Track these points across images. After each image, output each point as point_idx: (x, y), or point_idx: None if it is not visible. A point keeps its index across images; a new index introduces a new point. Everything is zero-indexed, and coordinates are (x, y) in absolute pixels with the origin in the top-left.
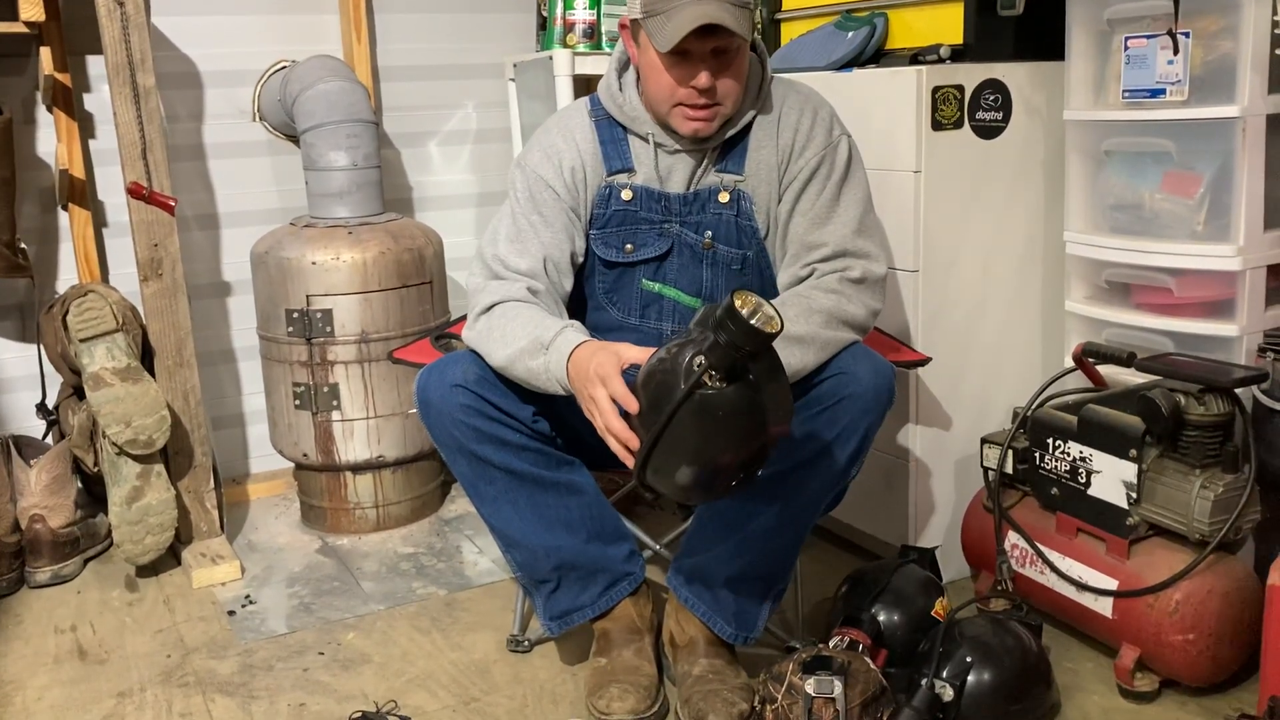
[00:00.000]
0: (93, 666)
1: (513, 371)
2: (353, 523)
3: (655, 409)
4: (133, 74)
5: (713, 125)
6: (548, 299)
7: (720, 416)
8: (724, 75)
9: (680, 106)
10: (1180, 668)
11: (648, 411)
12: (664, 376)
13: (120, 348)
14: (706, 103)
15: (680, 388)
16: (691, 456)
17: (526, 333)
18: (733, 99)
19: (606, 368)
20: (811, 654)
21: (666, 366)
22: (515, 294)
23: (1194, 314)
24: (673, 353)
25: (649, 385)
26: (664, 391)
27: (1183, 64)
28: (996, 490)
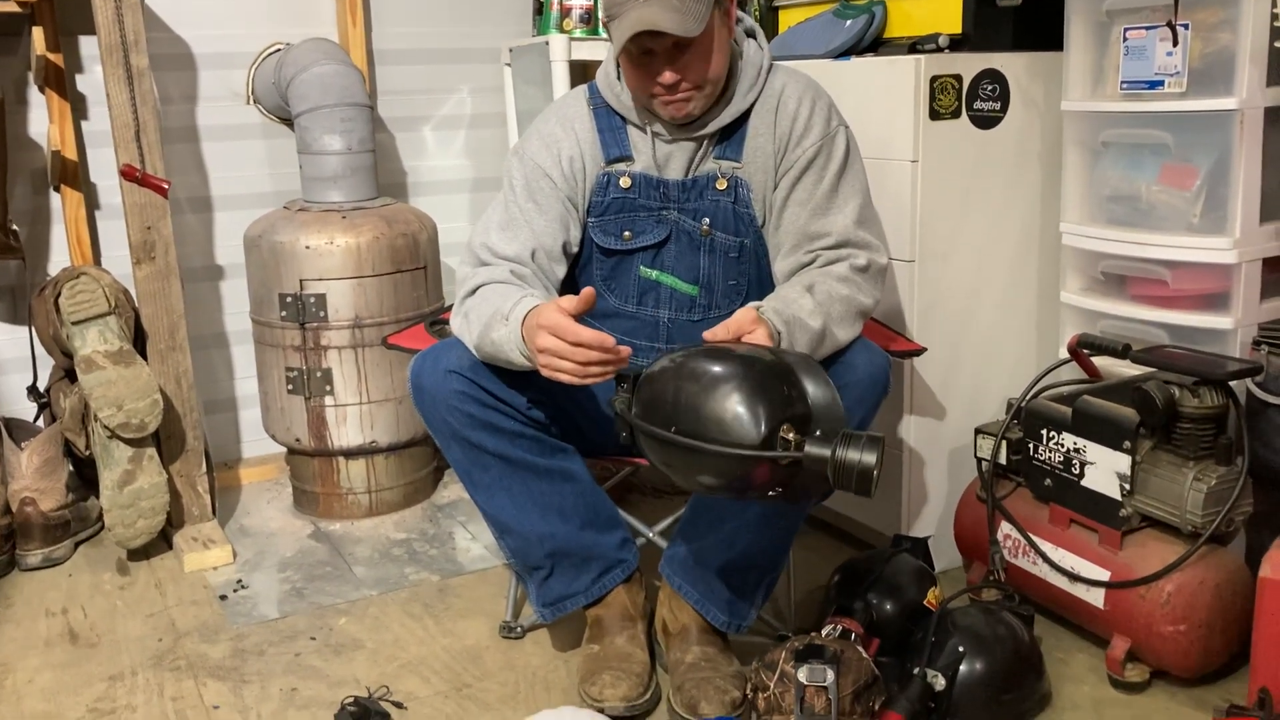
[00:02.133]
0: (84, 650)
1: (485, 352)
2: (345, 508)
3: (702, 425)
4: (126, 55)
5: (691, 107)
6: (534, 282)
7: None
8: (690, 66)
9: (657, 98)
10: (1171, 658)
11: (691, 419)
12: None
13: (112, 330)
14: (679, 95)
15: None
16: (724, 482)
17: (491, 306)
18: (711, 79)
19: (547, 316)
20: (804, 642)
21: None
22: (497, 276)
23: (1189, 306)
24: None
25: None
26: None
27: (1181, 56)
28: (990, 481)
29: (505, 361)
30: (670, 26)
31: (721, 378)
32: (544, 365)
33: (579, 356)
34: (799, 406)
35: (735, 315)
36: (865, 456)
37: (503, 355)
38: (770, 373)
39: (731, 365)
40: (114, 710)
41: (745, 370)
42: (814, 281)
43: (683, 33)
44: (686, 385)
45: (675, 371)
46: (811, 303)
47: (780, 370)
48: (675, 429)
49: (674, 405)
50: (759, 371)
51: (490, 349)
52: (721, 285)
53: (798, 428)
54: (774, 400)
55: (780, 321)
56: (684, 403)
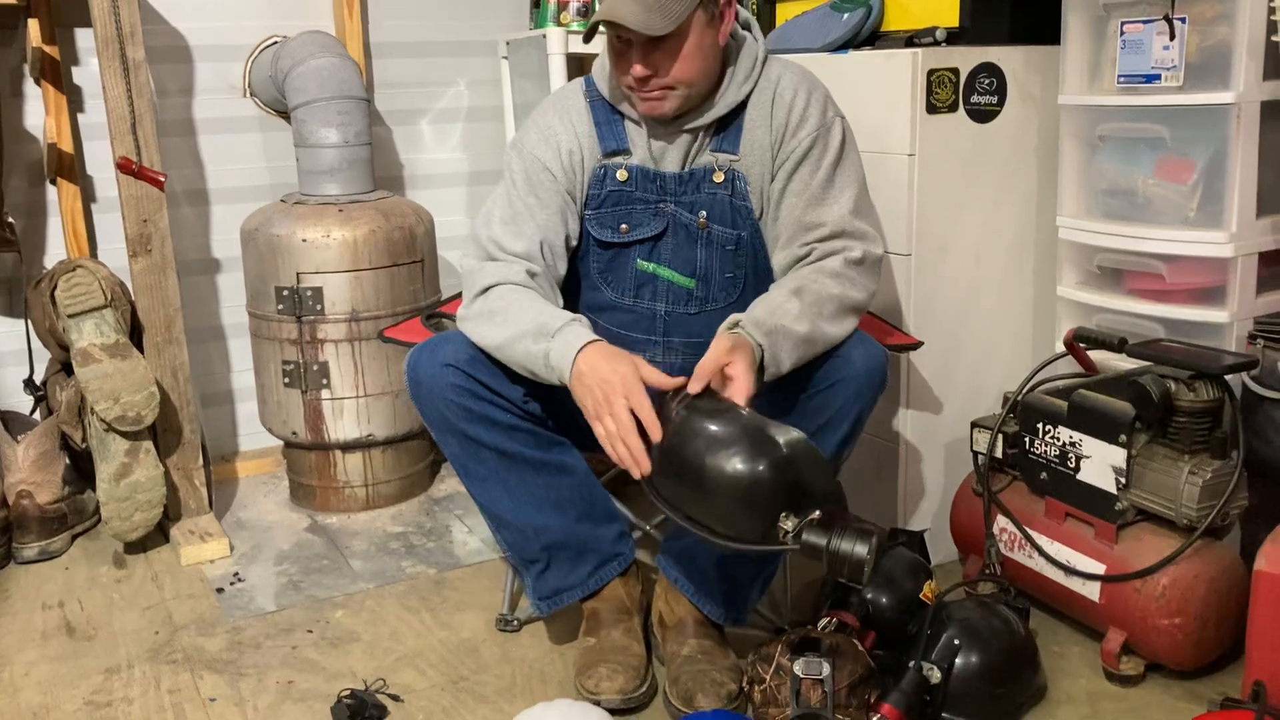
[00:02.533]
0: (80, 643)
1: (507, 354)
2: (342, 501)
3: (714, 497)
4: (122, 47)
5: (665, 105)
6: (544, 282)
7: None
8: (661, 64)
9: (630, 91)
10: (1166, 652)
11: (696, 475)
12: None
13: (109, 323)
14: (653, 91)
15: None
16: (731, 532)
17: (529, 317)
18: (686, 79)
19: (631, 383)
20: (800, 635)
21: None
22: (513, 277)
23: (1185, 300)
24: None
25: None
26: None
27: (1178, 49)
28: (986, 474)
29: (527, 372)
30: (634, 23)
31: (722, 474)
32: (595, 411)
33: (628, 441)
34: (796, 494)
35: (713, 344)
36: (858, 549)
37: (531, 367)
38: (764, 466)
39: (731, 457)
40: (110, 703)
41: (739, 474)
42: (803, 284)
43: (646, 30)
44: (690, 473)
45: (676, 461)
46: (798, 306)
47: (775, 456)
48: (684, 513)
49: (683, 489)
50: (763, 468)
51: (520, 357)
52: (718, 278)
53: (796, 512)
54: (767, 494)
55: (761, 334)
56: (689, 489)
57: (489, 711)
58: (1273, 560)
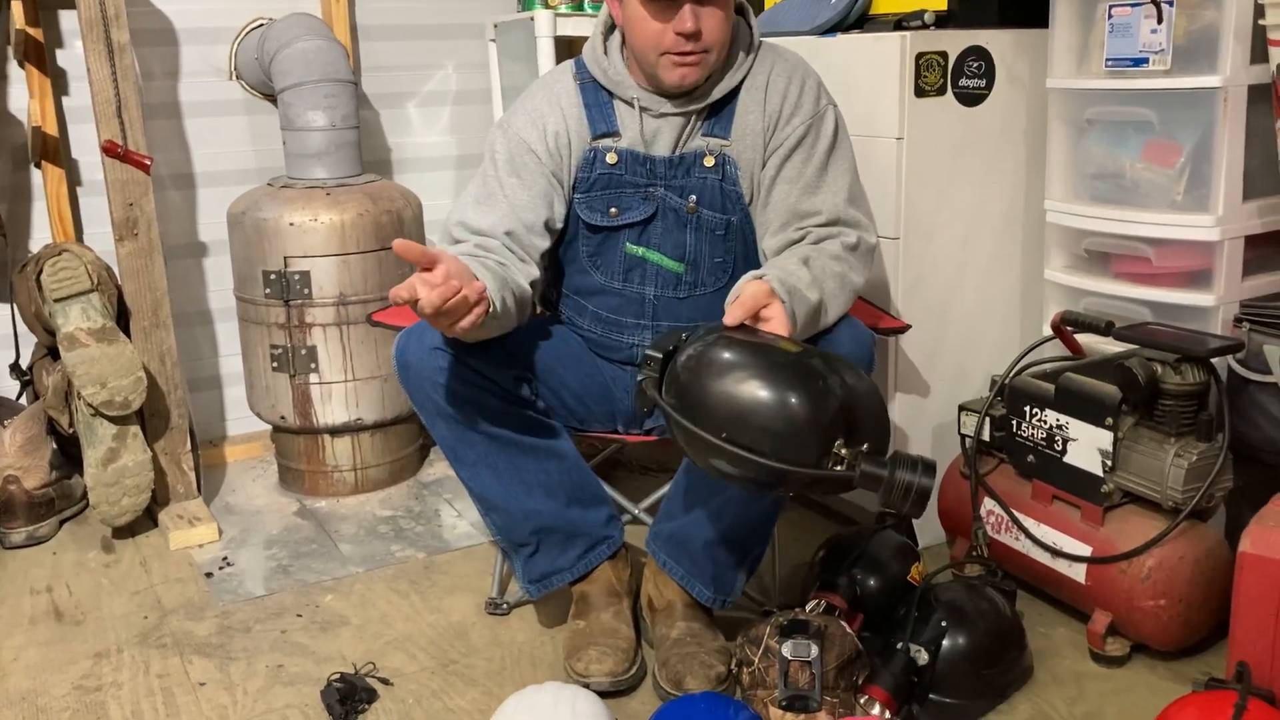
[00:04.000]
0: (69, 627)
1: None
2: (331, 485)
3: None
4: (106, 29)
5: (699, 73)
6: (503, 252)
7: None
8: (709, 20)
9: (667, 56)
10: (1151, 632)
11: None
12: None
13: (95, 308)
14: (693, 49)
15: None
16: (760, 484)
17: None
18: (719, 46)
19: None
20: (788, 618)
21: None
22: (461, 251)
23: (1172, 284)
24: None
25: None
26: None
27: (1166, 33)
28: (973, 457)
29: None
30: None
31: (775, 390)
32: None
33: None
34: (850, 420)
35: (748, 290)
36: (923, 480)
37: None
38: (823, 385)
39: (785, 375)
40: (99, 687)
41: (800, 382)
42: (809, 255)
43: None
44: (736, 391)
45: (720, 370)
46: (809, 275)
47: (832, 380)
48: (725, 436)
49: (723, 410)
50: (814, 385)
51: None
52: (707, 263)
53: (848, 441)
54: (829, 417)
55: (784, 291)
56: (734, 410)
57: (478, 694)
58: (1257, 542)
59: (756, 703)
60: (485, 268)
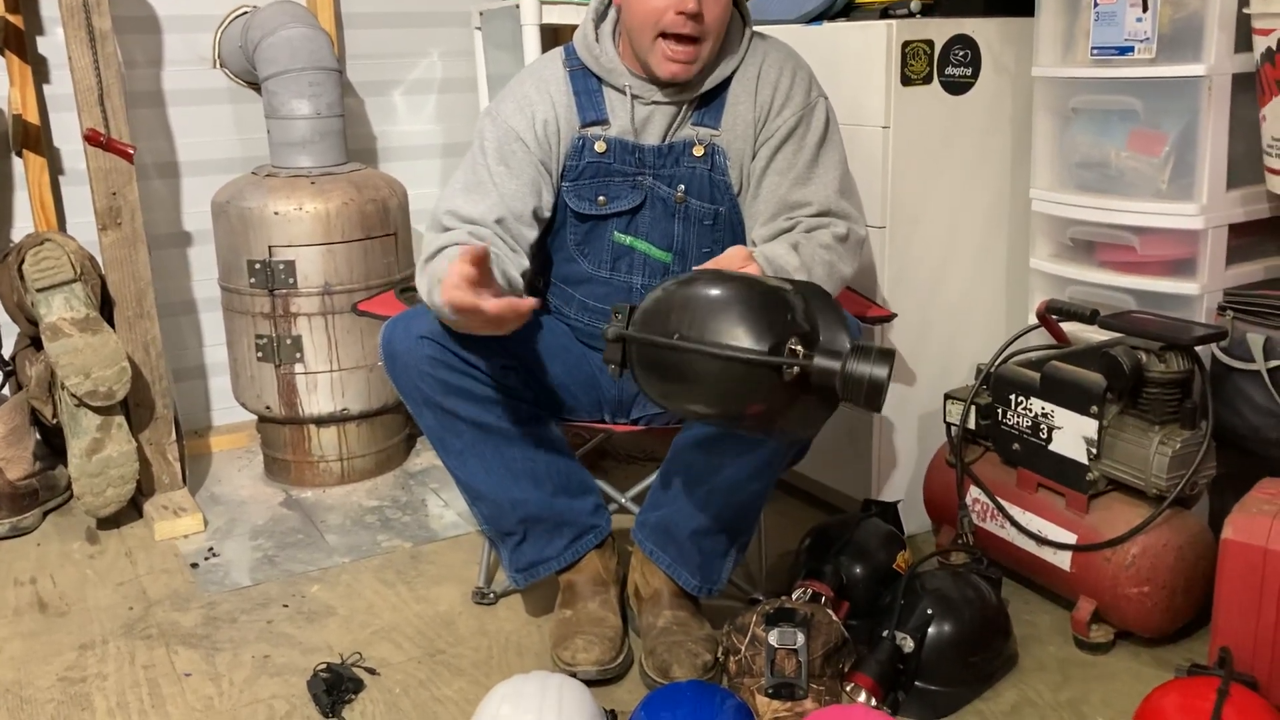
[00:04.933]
0: (53, 619)
1: (441, 318)
2: (317, 475)
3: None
4: (88, 16)
5: (692, 69)
6: (496, 243)
7: (776, 391)
8: (709, 5)
9: (662, 42)
10: (1135, 619)
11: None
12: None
13: (79, 298)
14: (692, 32)
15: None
16: (724, 402)
17: (441, 270)
18: (715, 35)
19: (447, 287)
20: (775, 606)
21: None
22: (456, 240)
23: (1156, 272)
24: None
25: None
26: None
27: (1151, 21)
28: (959, 445)
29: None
30: None
31: (728, 294)
32: (451, 304)
33: (487, 318)
34: (805, 325)
35: (728, 251)
36: (876, 370)
37: (442, 316)
38: (777, 291)
39: (737, 284)
40: (84, 679)
41: (752, 287)
42: (798, 242)
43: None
44: (691, 301)
45: (677, 292)
46: (797, 260)
47: (787, 291)
48: (678, 335)
49: (678, 319)
50: (766, 289)
51: (436, 313)
52: (695, 253)
53: (804, 344)
54: (781, 315)
55: (771, 269)
56: (689, 317)
57: (465, 684)
58: (1239, 529)
59: (743, 691)
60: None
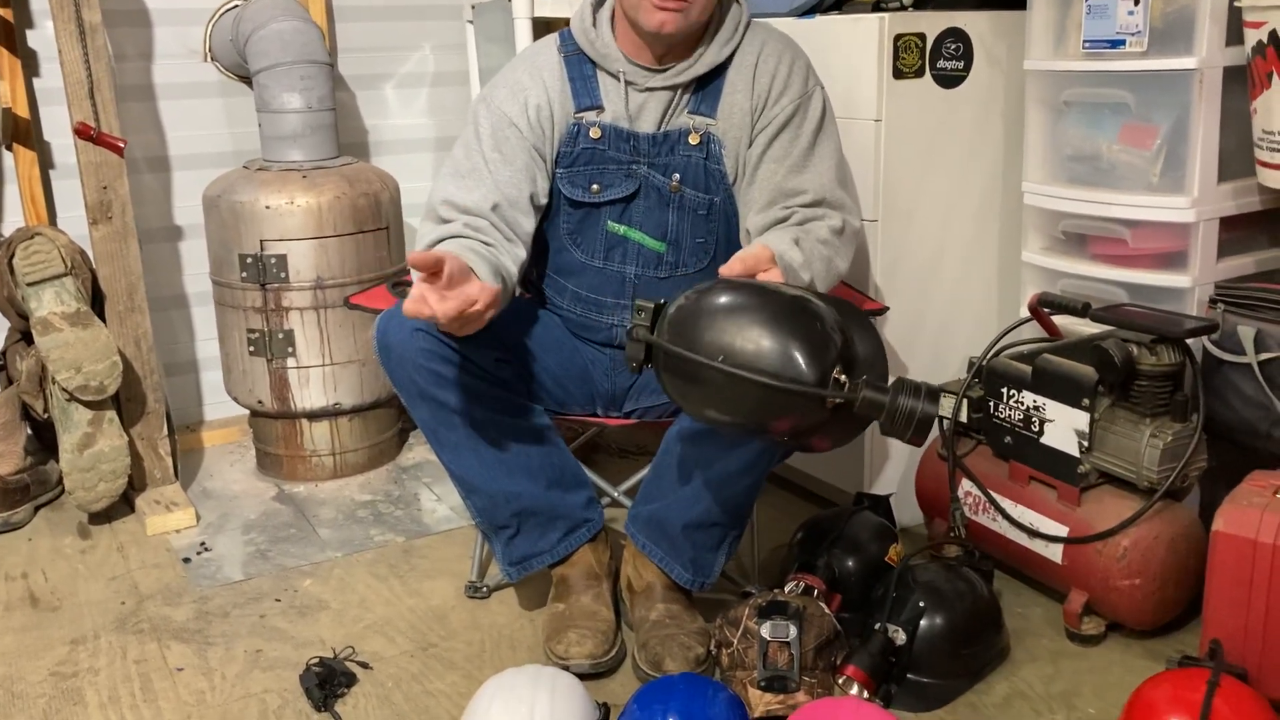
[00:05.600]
0: (45, 614)
1: None
2: (309, 470)
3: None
4: (78, 9)
5: (680, 21)
6: (491, 233)
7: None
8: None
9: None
10: (1126, 611)
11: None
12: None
13: (69, 292)
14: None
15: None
16: (756, 418)
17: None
18: (701, 2)
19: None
20: (767, 599)
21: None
22: (452, 233)
23: (1148, 265)
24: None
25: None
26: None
27: (1143, 15)
28: (951, 438)
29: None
30: None
31: (773, 312)
32: (414, 310)
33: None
34: (849, 352)
35: (751, 251)
36: (926, 407)
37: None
38: (821, 314)
39: (781, 302)
40: (76, 673)
41: (797, 308)
42: (799, 237)
43: None
44: (735, 316)
45: (715, 301)
46: (800, 257)
47: (831, 314)
48: (723, 358)
49: (720, 333)
50: (811, 311)
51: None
52: (689, 242)
53: (847, 371)
54: (828, 341)
55: (782, 265)
56: (733, 333)
57: (458, 678)
58: (1230, 521)
59: (735, 684)
60: (477, 254)
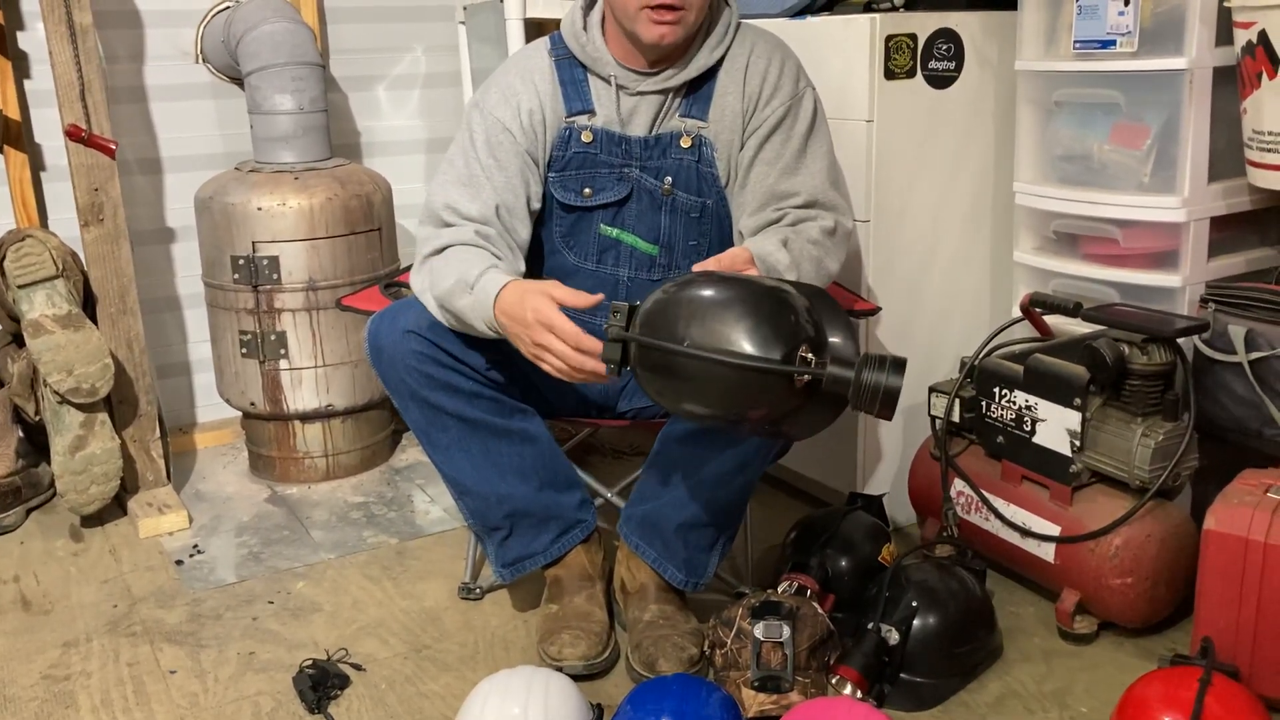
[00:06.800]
0: (37, 617)
1: (446, 315)
2: (302, 472)
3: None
4: (68, 11)
5: (677, 31)
6: (499, 243)
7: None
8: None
9: (646, 10)
10: (1118, 610)
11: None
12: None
13: (61, 294)
14: (674, 2)
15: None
16: (729, 404)
17: (455, 272)
18: (695, 9)
19: (544, 312)
20: (760, 599)
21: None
22: (462, 238)
23: (1139, 265)
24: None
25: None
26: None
27: (1133, 15)
28: (943, 438)
29: (470, 330)
30: None
31: (736, 298)
32: (535, 358)
33: (576, 361)
34: (816, 333)
35: (729, 251)
36: (891, 379)
37: (465, 323)
38: (784, 295)
39: (743, 287)
40: (69, 677)
41: (758, 291)
42: (788, 238)
43: None
44: (698, 305)
45: (684, 294)
46: (787, 258)
47: (792, 295)
48: (688, 342)
49: (687, 322)
50: (773, 293)
51: (455, 314)
52: (682, 245)
53: (814, 350)
54: (791, 320)
55: (764, 268)
56: (696, 321)
57: (452, 679)
58: (1221, 520)
59: (729, 684)
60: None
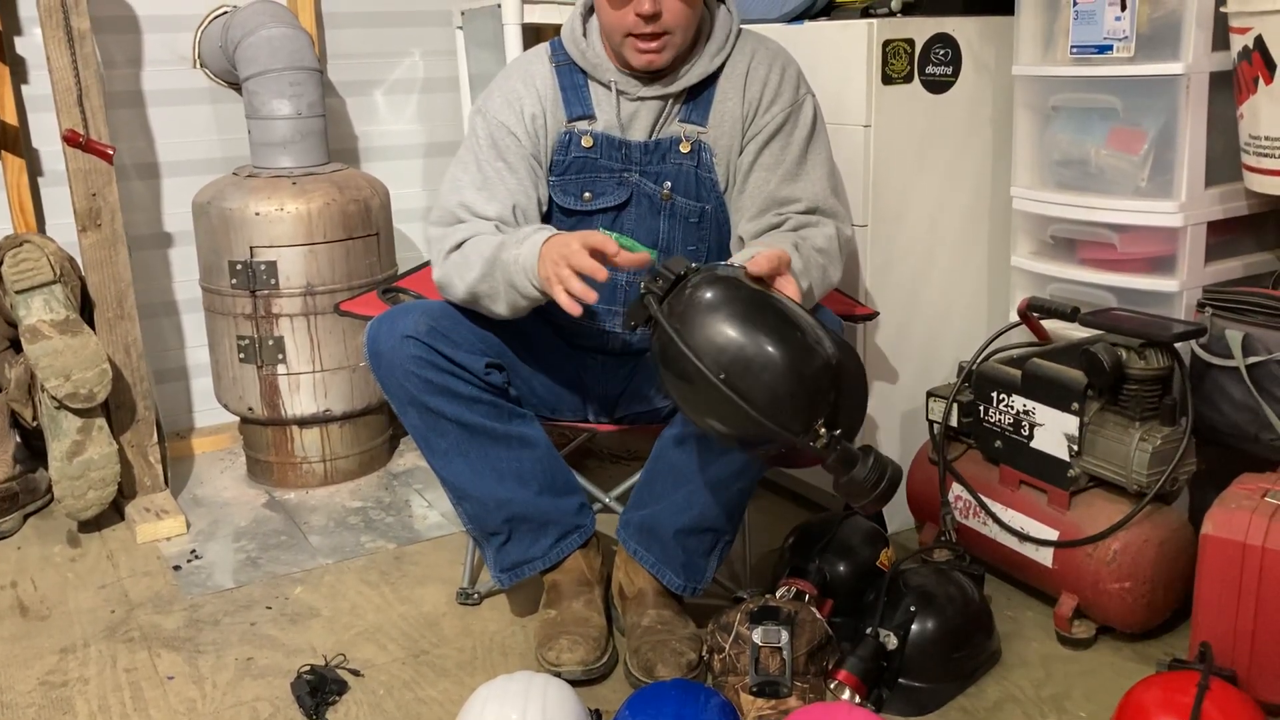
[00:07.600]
0: (34, 623)
1: (483, 286)
2: (300, 477)
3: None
4: (66, 16)
5: (664, 57)
6: None
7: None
8: (668, 3)
9: (631, 38)
10: (1117, 615)
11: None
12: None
13: (58, 299)
14: (654, 31)
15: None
16: (740, 440)
17: (497, 241)
18: (681, 28)
19: (588, 235)
20: (759, 604)
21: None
22: (483, 231)
23: (1136, 269)
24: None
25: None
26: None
27: (1130, 20)
28: (941, 443)
29: (507, 291)
30: None
31: (790, 356)
32: (554, 286)
33: (577, 261)
34: (836, 402)
35: (775, 250)
36: (893, 469)
37: (507, 280)
38: (825, 366)
39: (801, 343)
40: (66, 683)
41: (814, 354)
42: (797, 243)
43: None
44: (751, 338)
45: (738, 312)
46: (800, 262)
47: (833, 366)
48: (724, 377)
49: (730, 351)
50: (822, 360)
51: (497, 284)
52: (680, 250)
53: (829, 424)
54: (826, 394)
55: (795, 268)
56: (743, 355)
57: (450, 684)
58: (1219, 524)
59: (728, 689)
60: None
